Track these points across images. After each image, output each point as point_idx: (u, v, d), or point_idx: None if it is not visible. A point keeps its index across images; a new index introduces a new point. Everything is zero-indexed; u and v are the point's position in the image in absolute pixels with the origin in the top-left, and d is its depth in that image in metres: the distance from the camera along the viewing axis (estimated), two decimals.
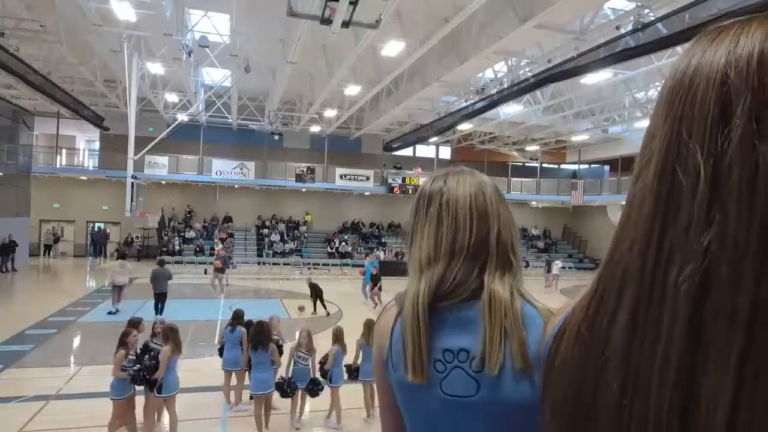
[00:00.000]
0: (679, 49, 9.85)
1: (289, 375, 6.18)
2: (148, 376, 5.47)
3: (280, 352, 6.48)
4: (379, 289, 14.89)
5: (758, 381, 0.39)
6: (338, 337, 6.44)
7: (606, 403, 0.48)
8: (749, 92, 0.42)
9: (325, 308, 13.79)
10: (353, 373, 6.56)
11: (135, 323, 6.06)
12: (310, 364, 6.27)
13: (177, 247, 24.69)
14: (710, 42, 0.47)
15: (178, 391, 5.65)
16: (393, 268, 19.85)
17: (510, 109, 20.83)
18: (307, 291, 14.12)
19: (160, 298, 11.84)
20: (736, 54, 0.44)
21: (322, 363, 6.42)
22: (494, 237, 1.05)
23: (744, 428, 0.39)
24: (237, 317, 6.99)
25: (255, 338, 6.08)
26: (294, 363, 6.22)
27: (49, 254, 25.30)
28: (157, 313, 10.98)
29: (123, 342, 5.60)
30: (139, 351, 5.76)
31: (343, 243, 27.26)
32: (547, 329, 0.60)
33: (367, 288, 15.48)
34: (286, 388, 6.08)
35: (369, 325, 6.55)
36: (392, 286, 12.56)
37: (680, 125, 0.46)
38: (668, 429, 0.43)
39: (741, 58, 0.44)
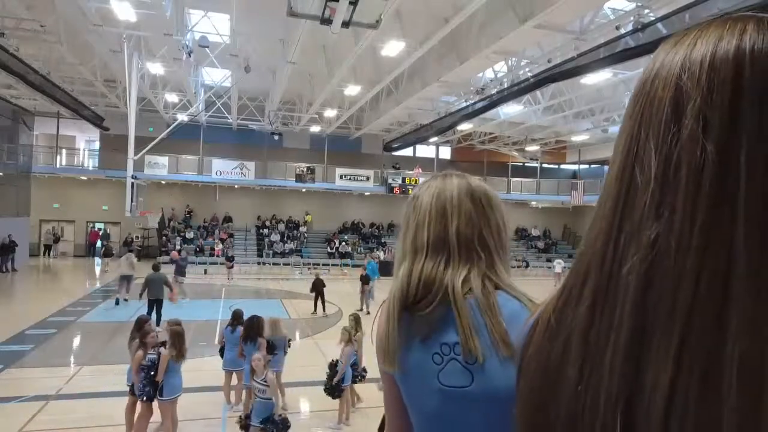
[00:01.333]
0: None
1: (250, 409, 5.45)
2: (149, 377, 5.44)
3: (269, 350, 6.32)
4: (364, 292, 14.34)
5: (693, 371, 0.41)
6: (349, 338, 6.45)
7: (565, 389, 0.51)
8: (699, 94, 0.44)
9: (324, 309, 13.76)
10: (361, 373, 6.62)
11: (144, 321, 5.96)
12: (273, 397, 5.24)
13: (177, 247, 24.65)
14: (673, 45, 0.50)
15: (180, 393, 5.61)
16: (392, 268, 19.81)
17: (510, 109, 20.82)
18: (309, 289, 14.03)
19: (155, 305, 11.11)
20: (691, 57, 0.46)
21: (331, 377, 6.24)
22: (453, 232, 1.07)
23: (680, 415, 0.41)
24: (237, 317, 7.02)
25: (245, 331, 6.47)
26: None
27: (49, 254, 25.29)
28: (150, 318, 10.80)
29: (142, 342, 5.53)
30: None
31: (343, 243, 27.26)
32: (528, 321, 0.63)
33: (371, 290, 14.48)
34: (240, 423, 5.48)
35: (356, 319, 6.86)
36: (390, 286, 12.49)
37: (640, 125, 0.49)
38: (614, 415, 0.45)
39: (695, 60, 0.46)
